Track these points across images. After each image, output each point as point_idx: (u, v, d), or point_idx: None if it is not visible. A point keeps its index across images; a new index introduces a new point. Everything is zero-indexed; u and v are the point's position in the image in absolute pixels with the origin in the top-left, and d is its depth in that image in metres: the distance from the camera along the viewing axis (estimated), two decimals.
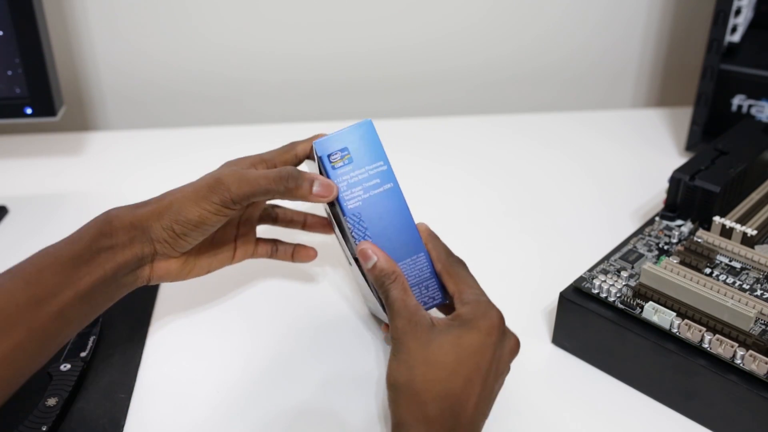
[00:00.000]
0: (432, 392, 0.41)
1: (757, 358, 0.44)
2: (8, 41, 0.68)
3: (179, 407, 0.50)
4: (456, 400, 0.41)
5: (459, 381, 0.41)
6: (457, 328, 0.43)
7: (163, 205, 0.46)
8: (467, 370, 0.41)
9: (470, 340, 0.42)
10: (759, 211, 0.58)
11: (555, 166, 0.80)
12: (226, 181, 0.45)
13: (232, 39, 0.90)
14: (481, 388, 0.42)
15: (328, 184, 0.46)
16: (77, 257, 0.44)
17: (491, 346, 0.43)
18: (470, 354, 0.42)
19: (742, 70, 0.75)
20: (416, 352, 0.42)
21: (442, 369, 0.41)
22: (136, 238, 0.45)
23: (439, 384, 0.41)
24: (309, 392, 0.51)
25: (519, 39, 0.93)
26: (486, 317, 0.43)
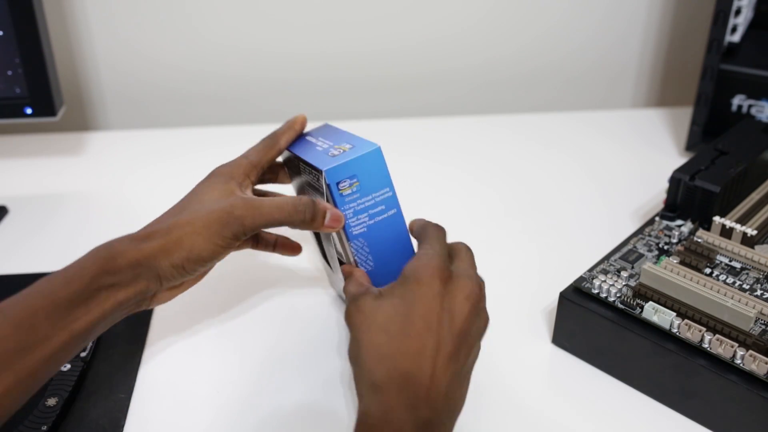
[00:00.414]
0: (375, 356, 0.38)
1: (757, 358, 0.44)
2: (8, 41, 0.68)
3: (179, 407, 0.50)
4: (407, 358, 0.38)
5: (407, 339, 0.38)
6: (399, 286, 0.40)
7: (171, 241, 0.43)
8: (414, 325, 0.39)
9: (412, 294, 0.40)
10: (759, 211, 0.57)
11: (555, 166, 0.80)
12: (239, 214, 0.44)
13: (232, 38, 0.90)
14: (435, 341, 0.38)
15: (338, 216, 0.45)
16: (75, 297, 0.40)
17: (436, 295, 0.40)
18: (413, 309, 0.39)
19: (742, 70, 0.75)
20: (362, 324, 0.40)
21: (385, 332, 0.39)
22: (141, 276, 0.42)
23: (383, 347, 0.38)
24: (309, 392, 0.51)
25: (519, 39, 0.93)
26: (425, 267, 0.40)
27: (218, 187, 0.47)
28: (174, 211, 0.46)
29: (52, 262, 0.65)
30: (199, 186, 0.48)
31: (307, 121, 0.54)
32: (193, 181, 0.49)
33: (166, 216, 0.46)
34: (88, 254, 0.42)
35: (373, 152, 0.45)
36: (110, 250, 0.42)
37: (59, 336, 0.39)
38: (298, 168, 0.50)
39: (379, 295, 0.41)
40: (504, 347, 0.54)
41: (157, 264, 0.43)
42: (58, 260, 0.65)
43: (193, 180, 0.49)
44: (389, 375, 0.37)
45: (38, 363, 0.39)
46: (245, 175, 0.49)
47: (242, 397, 0.50)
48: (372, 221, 0.46)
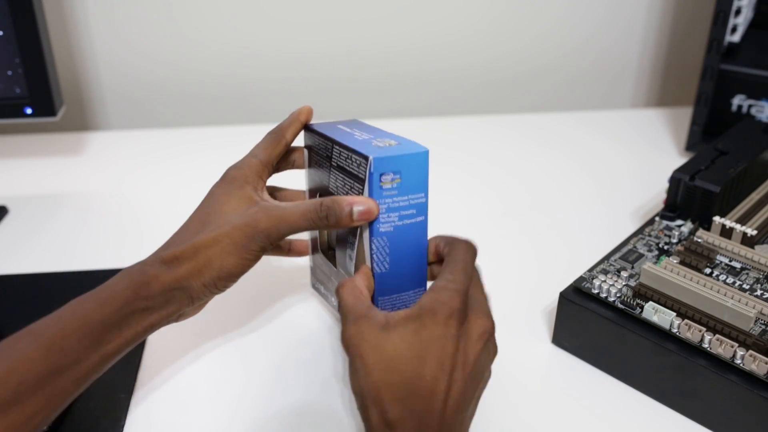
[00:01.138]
0: (391, 395, 0.38)
1: (757, 358, 0.44)
2: (8, 41, 0.68)
3: (179, 407, 0.50)
4: (420, 400, 0.38)
5: (421, 380, 0.38)
6: (414, 321, 0.39)
7: (201, 263, 0.43)
8: (430, 367, 0.38)
9: (428, 334, 0.39)
10: (759, 211, 0.57)
11: (555, 166, 0.80)
12: (264, 227, 0.43)
13: (232, 38, 0.90)
14: (447, 385, 0.38)
15: (370, 208, 0.44)
16: (107, 320, 0.40)
17: (450, 337, 0.39)
18: (429, 349, 0.39)
19: (742, 70, 0.75)
20: (369, 356, 0.39)
21: (399, 372, 0.38)
22: (174, 298, 0.42)
23: (399, 386, 0.38)
24: (308, 392, 0.51)
25: (519, 39, 0.93)
26: (444, 306, 0.40)
27: (235, 194, 0.46)
28: (195, 226, 0.45)
29: (52, 262, 0.65)
30: (214, 195, 0.47)
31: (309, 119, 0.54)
32: (193, 181, 0.49)
33: (187, 231, 0.45)
34: (121, 276, 0.42)
35: (421, 154, 0.45)
36: (143, 275, 0.42)
37: (91, 358, 0.39)
38: (328, 153, 0.49)
39: (387, 325, 0.40)
40: (504, 347, 0.54)
41: (189, 286, 0.43)
42: (58, 260, 0.65)
43: (193, 180, 0.49)
44: (403, 415, 0.38)
45: (68, 385, 0.39)
46: (258, 177, 0.48)
47: (242, 397, 0.51)
48: (400, 222, 0.45)
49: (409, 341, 0.39)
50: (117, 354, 0.41)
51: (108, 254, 0.66)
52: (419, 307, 0.40)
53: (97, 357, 0.40)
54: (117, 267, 0.63)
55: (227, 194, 0.46)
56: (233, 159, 0.49)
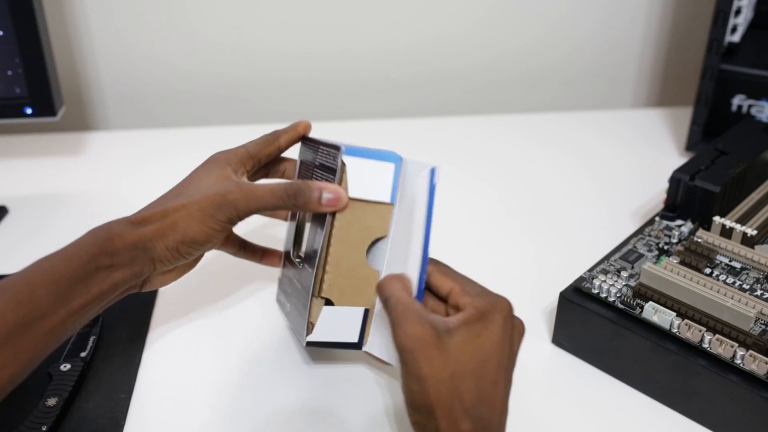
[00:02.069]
0: (463, 405, 0.37)
1: (757, 358, 0.44)
2: (8, 41, 0.68)
3: (179, 407, 0.50)
4: (486, 406, 0.38)
5: (486, 385, 0.38)
6: (474, 324, 0.39)
7: (167, 225, 0.44)
8: (492, 371, 0.39)
9: (490, 337, 0.39)
10: (759, 211, 0.57)
11: (555, 166, 0.80)
12: (233, 198, 0.44)
13: (232, 38, 0.90)
14: (504, 387, 0.40)
15: (339, 196, 0.45)
16: (73, 275, 0.41)
17: (508, 339, 0.40)
18: (492, 353, 0.39)
19: (742, 70, 0.75)
20: (438, 364, 0.38)
21: (469, 377, 0.38)
22: (138, 258, 0.43)
23: (469, 394, 0.38)
24: (308, 392, 0.51)
25: (519, 39, 0.93)
26: (499, 307, 0.40)
27: (214, 172, 0.47)
28: (170, 195, 0.47)
29: None
30: (195, 171, 0.49)
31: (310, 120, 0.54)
32: None
33: (161, 200, 0.46)
34: (87, 235, 0.43)
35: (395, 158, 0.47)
36: (108, 232, 0.43)
37: (58, 313, 0.40)
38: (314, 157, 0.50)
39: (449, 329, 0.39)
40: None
41: (152, 246, 0.44)
42: None
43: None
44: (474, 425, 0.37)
45: (37, 338, 0.39)
46: (241, 163, 0.49)
47: (242, 397, 0.50)
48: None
49: (474, 346, 0.39)
50: (83, 311, 0.42)
51: None
52: (477, 310, 0.40)
53: (64, 312, 0.40)
54: None
55: (206, 171, 0.48)
56: None
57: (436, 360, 0.38)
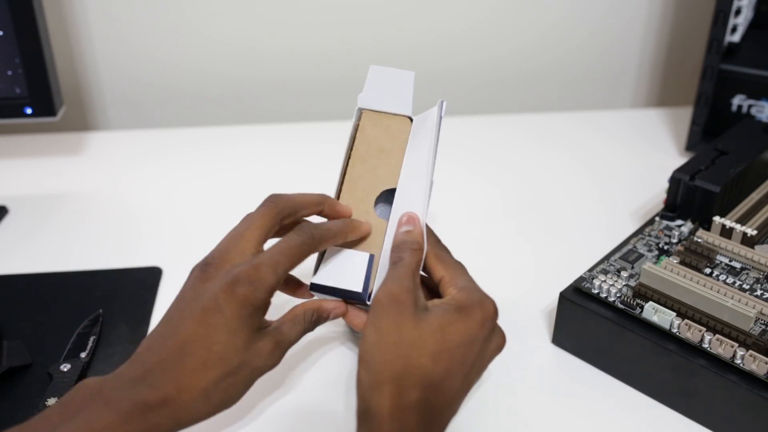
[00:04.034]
0: (413, 379, 0.36)
1: (757, 358, 0.44)
2: (8, 41, 0.68)
3: None
4: (433, 390, 0.37)
5: (440, 370, 0.37)
6: (451, 312, 0.39)
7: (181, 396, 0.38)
8: (452, 362, 0.38)
9: (461, 329, 0.39)
10: (759, 211, 0.57)
11: (555, 166, 0.80)
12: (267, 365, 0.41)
13: (232, 38, 0.89)
14: (460, 383, 0.38)
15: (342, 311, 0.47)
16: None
17: (480, 340, 0.39)
18: (458, 344, 0.38)
19: (742, 70, 0.75)
20: (402, 329, 0.37)
21: (427, 354, 0.37)
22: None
23: (421, 371, 0.37)
24: (308, 392, 0.51)
25: (519, 39, 0.93)
26: (482, 307, 0.40)
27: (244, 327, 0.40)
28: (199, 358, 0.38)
29: (51, 263, 0.65)
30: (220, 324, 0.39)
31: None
32: (192, 181, 0.49)
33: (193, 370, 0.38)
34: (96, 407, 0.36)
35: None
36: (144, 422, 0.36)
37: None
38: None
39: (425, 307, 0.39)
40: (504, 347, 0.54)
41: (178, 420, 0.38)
42: (57, 260, 0.65)
43: (193, 180, 0.49)
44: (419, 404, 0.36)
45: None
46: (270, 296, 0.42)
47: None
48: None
49: (443, 331, 0.38)
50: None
51: (108, 254, 0.66)
52: (456, 302, 0.40)
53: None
54: (117, 267, 0.63)
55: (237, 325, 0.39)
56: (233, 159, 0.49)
57: (402, 325, 0.38)
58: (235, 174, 0.77)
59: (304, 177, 0.77)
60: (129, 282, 0.61)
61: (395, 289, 0.39)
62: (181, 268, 0.64)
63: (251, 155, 0.81)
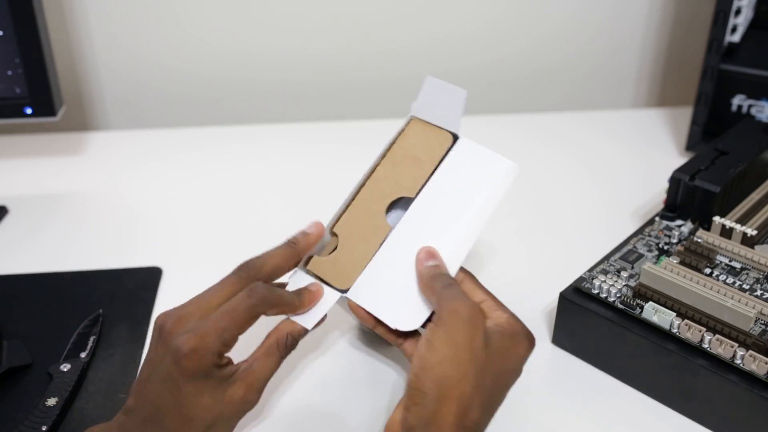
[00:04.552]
0: (478, 399, 0.38)
1: (757, 358, 0.44)
2: (8, 41, 0.68)
3: None
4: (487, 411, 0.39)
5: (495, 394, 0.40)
6: (508, 338, 0.41)
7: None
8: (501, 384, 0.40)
9: (514, 356, 0.41)
10: (759, 211, 0.57)
11: (555, 166, 0.80)
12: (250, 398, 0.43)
13: (231, 41, 0.89)
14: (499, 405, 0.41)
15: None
16: None
17: (521, 369, 0.42)
18: (511, 371, 0.41)
19: (742, 70, 0.75)
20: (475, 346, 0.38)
21: (490, 376, 0.39)
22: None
23: (485, 392, 0.38)
24: (308, 392, 0.51)
25: (519, 40, 0.93)
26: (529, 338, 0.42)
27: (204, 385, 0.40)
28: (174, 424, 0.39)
29: (51, 263, 0.65)
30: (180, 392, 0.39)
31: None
32: (192, 181, 0.48)
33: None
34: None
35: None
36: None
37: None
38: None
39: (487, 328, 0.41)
40: None
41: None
42: (57, 260, 0.65)
43: (193, 180, 0.49)
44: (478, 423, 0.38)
45: None
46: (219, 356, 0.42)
47: None
48: None
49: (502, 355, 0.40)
50: None
51: (107, 254, 0.66)
52: (511, 328, 0.42)
53: None
54: (117, 267, 0.63)
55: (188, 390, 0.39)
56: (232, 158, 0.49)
57: (475, 342, 0.38)
58: (235, 174, 0.77)
59: (303, 177, 0.77)
60: (129, 282, 0.61)
61: (469, 306, 0.40)
62: (181, 268, 0.65)
63: (250, 155, 0.81)
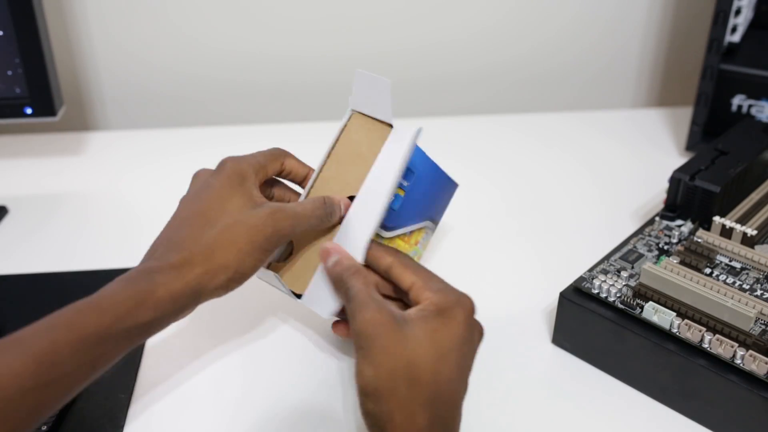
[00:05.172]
0: (420, 399, 0.36)
1: (757, 358, 0.44)
2: (8, 41, 0.68)
3: (179, 407, 0.50)
4: (444, 404, 0.37)
5: (442, 380, 0.37)
6: (433, 319, 0.39)
7: (216, 266, 0.40)
8: (450, 368, 0.38)
9: (449, 333, 0.38)
10: (759, 211, 0.57)
11: (555, 166, 0.80)
12: (282, 226, 0.42)
13: (229, 42, 0.89)
14: (460, 385, 0.38)
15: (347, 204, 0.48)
16: (105, 332, 0.36)
17: (468, 338, 0.39)
18: (451, 349, 0.38)
19: (742, 70, 0.75)
20: (394, 350, 0.37)
21: (426, 370, 0.37)
22: (185, 307, 0.40)
23: (426, 387, 0.36)
24: (308, 392, 0.51)
25: (520, 42, 0.93)
26: (462, 305, 0.40)
27: (237, 190, 0.44)
28: (197, 222, 0.42)
29: (52, 262, 0.65)
30: (212, 188, 0.44)
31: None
32: None
33: (190, 228, 0.42)
34: (124, 284, 0.38)
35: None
36: (150, 282, 0.39)
37: (82, 372, 0.36)
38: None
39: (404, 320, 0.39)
40: (504, 347, 0.54)
41: (200, 289, 0.40)
42: (58, 260, 0.65)
43: None
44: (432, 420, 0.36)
45: (56, 397, 0.36)
46: (255, 175, 0.46)
47: (242, 397, 0.50)
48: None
49: (432, 339, 0.38)
50: (108, 365, 0.38)
51: (108, 254, 0.66)
52: (436, 306, 0.39)
53: (89, 370, 0.37)
54: (117, 267, 0.63)
55: (229, 189, 0.44)
56: None
57: (393, 347, 0.37)
58: None
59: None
60: None
61: (366, 315, 0.38)
62: None
63: None
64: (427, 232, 0.53)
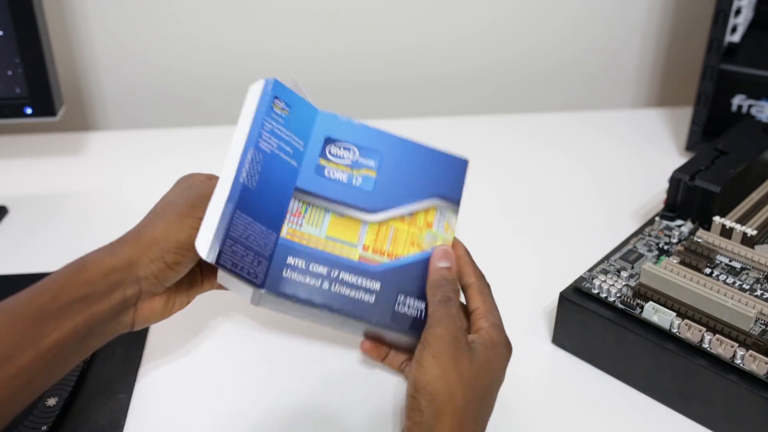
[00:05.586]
0: (471, 413, 0.41)
1: (757, 358, 0.44)
2: (8, 41, 0.68)
3: (179, 407, 0.50)
4: (482, 421, 0.42)
5: (484, 408, 0.43)
6: (489, 349, 0.43)
7: (146, 239, 0.42)
8: (490, 397, 0.43)
9: (496, 366, 0.43)
10: (759, 211, 0.57)
11: (555, 166, 0.80)
12: (207, 193, 0.44)
13: (230, 41, 0.89)
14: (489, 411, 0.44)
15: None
16: (40, 311, 0.38)
17: (503, 374, 0.44)
18: (495, 381, 0.43)
19: (742, 70, 0.75)
20: (461, 364, 0.41)
21: (479, 390, 0.41)
22: (118, 283, 0.41)
23: (476, 405, 0.41)
24: (308, 392, 0.51)
25: (519, 41, 0.93)
26: (508, 347, 0.45)
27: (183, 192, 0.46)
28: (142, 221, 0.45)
29: (52, 262, 0.64)
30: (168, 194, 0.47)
31: None
32: None
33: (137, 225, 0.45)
34: (60, 269, 0.41)
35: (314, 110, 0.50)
36: (82, 261, 0.41)
37: (24, 354, 0.37)
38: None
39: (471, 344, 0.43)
40: None
41: (135, 263, 0.41)
42: (58, 260, 0.65)
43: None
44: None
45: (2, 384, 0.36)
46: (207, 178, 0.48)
47: (242, 397, 0.51)
48: (278, 153, 0.47)
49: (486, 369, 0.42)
50: (57, 351, 0.38)
51: None
52: (491, 339, 0.43)
53: (33, 353, 0.37)
54: None
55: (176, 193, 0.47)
56: None
57: (460, 361, 0.41)
58: None
59: None
60: None
61: (452, 329, 0.42)
62: None
63: None
64: (441, 211, 0.50)
